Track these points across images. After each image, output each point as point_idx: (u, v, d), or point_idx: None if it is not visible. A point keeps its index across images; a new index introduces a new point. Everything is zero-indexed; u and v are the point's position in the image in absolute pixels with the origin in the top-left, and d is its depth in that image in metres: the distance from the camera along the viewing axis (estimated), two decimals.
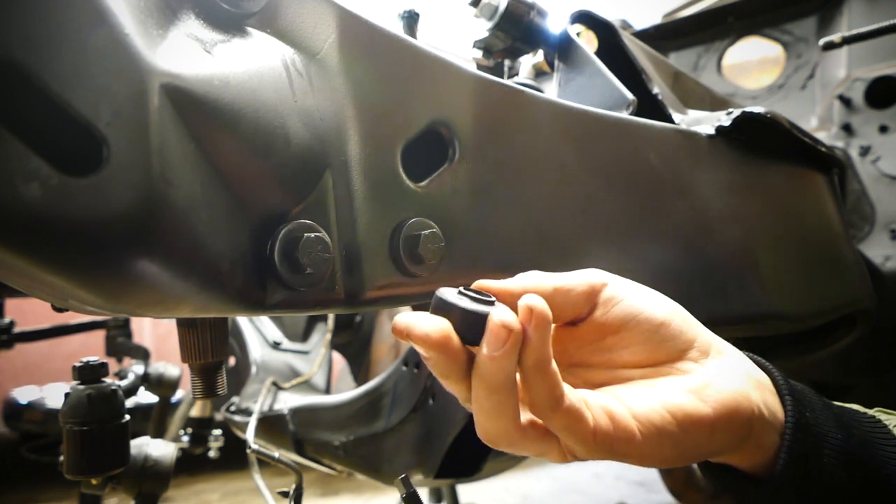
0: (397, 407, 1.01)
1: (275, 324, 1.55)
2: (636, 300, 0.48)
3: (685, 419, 0.44)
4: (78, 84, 0.33)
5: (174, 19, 0.40)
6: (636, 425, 0.43)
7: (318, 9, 0.48)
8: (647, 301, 0.48)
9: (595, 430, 0.42)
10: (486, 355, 0.40)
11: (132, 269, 0.37)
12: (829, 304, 0.90)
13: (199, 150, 0.39)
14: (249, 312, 0.45)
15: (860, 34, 1.14)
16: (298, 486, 0.80)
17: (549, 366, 0.40)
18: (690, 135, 0.77)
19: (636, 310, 0.47)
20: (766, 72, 1.71)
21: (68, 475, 0.67)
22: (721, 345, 0.49)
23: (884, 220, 1.27)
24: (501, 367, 0.40)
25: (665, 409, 0.44)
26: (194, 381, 0.58)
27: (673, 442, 0.43)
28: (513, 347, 0.39)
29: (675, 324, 0.47)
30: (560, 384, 0.41)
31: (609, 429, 0.42)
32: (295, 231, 0.44)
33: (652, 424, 0.43)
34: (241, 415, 1.29)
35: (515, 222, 0.59)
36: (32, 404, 2.69)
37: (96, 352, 1.01)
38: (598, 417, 0.42)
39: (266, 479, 0.96)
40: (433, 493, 2.15)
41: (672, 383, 0.46)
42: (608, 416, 0.43)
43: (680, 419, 0.43)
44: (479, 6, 0.83)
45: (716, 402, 0.45)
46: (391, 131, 0.51)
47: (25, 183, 0.32)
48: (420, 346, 0.41)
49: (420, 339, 0.41)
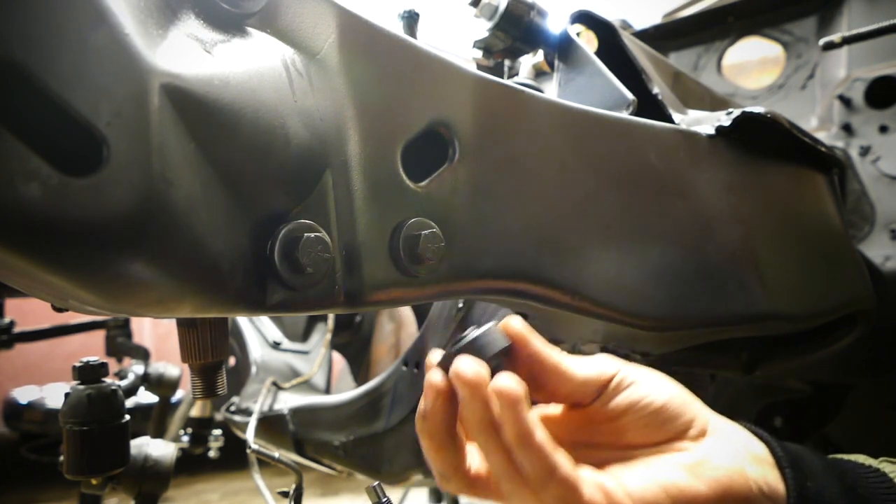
0: (397, 407, 1.01)
1: (275, 324, 1.55)
2: (640, 386, 0.50)
3: (679, 496, 0.45)
4: (78, 84, 0.33)
5: (174, 19, 0.40)
6: (630, 502, 0.44)
7: (318, 9, 0.48)
8: (650, 386, 0.50)
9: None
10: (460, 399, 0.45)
11: (132, 269, 0.37)
12: (829, 304, 0.90)
13: (199, 150, 0.39)
14: (249, 312, 0.45)
15: (860, 34, 1.14)
16: (298, 486, 0.80)
17: (531, 438, 0.42)
18: (690, 135, 0.77)
19: (640, 395, 0.49)
20: (766, 72, 1.71)
21: (68, 475, 0.67)
22: (718, 422, 0.51)
23: (884, 220, 1.27)
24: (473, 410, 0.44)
25: (659, 487, 0.45)
26: (194, 381, 0.58)
27: None
28: (472, 395, 0.43)
29: (674, 405, 0.49)
30: (552, 455, 0.42)
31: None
32: (295, 231, 0.44)
33: (645, 502, 0.44)
34: (241, 415, 1.29)
35: (515, 222, 0.59)
36: (32, 404, 2.69)
37: (96, 352, 1.01)
38: (592, 493, 0.43)
39: (266, 479, 0.96)
40: (433, 492, 2.15)
41: (668, 461, 0.47)
42: (602, 492, 0.44)
43: (674, 496, 0.45)
44: (479, 6, 0.83)
45: (710, 479, 0.46)
46: (391, 131, 0.51)
47: (25, 183, 0.32)
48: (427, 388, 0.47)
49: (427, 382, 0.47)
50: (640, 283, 0.69)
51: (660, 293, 0.70)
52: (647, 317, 0.69)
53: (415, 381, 0.99)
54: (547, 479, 0.42)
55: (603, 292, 0.65)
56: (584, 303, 0.64)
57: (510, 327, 0.48)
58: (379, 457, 1.05)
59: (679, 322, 0.72)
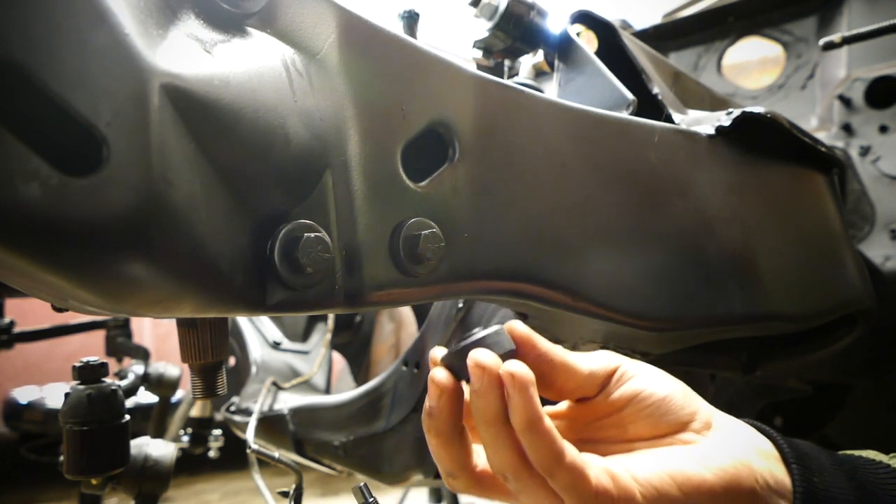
0: (397, 407, 1.01)
1: (275, 324, 1.55)
2: (641, 379, 0.50)
3: (686, 483, 0.45)
4: (78, 84, 0.33)
5: (174, 19, 0.40)
6: (637, 487, 0.44)
7: (318, 9, 0.48)
8: (650, 379, 0.51)
9: (597, 489, 0.43)
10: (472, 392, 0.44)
11: (132, 269, 0.37)
12: (829, 304, 0.90)
13: (199, 150, 0.39)
14: (249, 312, 0.45)
15: (860, 34, 1.14)
16: (298, 486, 0.80)
17: (540, 424, 0.42)
18: (690, 135, 0.77)
19: (640, 387, 0.50)
20: (766, 72, 1.71)
21: (68, 475, 0.67)
22: (722, 418, 0.51)
23: (884, 220, 1.27)
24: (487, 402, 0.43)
25: (666, 474, 0.45)
26: (194, 381, 0.58)
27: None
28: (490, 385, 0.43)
29: (676, 399, 0.50)
30: (559, 441, 0.43)
31: (610, 488, 0.43)
32: (295, 231, 0.44)
33: (653, 487, 0.44)
34: (241, 415, 1.29)
35: (515, 222, 0.59)
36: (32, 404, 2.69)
37: (96, 352, 1.01)
38: (599, 476, 0.43)
39: (266, 479, 0.96)
40: (433, 493, 2.15)
41: (674, 451, 0.48)
42: (609, 476, 0.44)
43: (681, 483, 0.45)
44: (479, 6, 0.83)
45: (718, 468, 0.46)
46: (391, 131, 0.51)
47: (25, 183, 0.32)
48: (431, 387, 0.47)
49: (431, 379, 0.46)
50: (639, 283, 0.69)
51: (659, 293, 0.70)
52: (646, 317, 0.69)
53: (415, 381, 0.99)
54: (555, 466, 0.42)
55: (603, 292, 0.65)
56: (583, 303, 0.64)
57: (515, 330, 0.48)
58: (379, 457, 1.05)
59: (679, 322, 0.72)
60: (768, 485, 0.47)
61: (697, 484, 0.45)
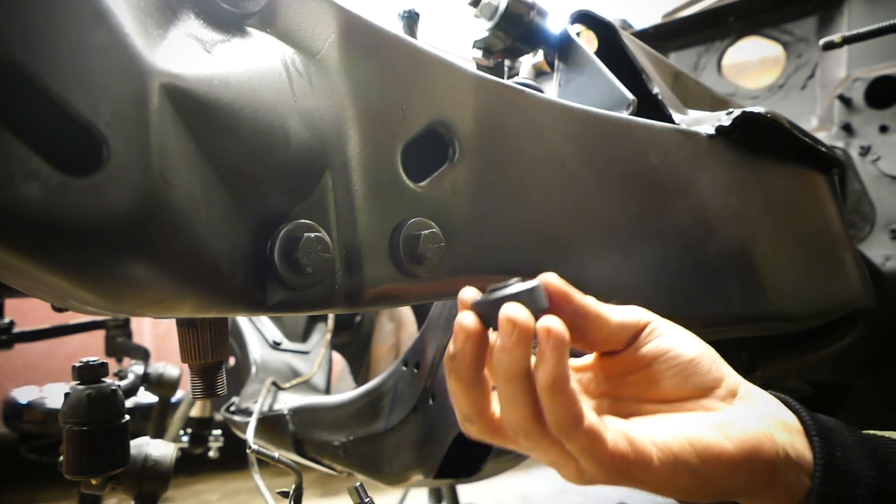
0: (397, 407, 1.01)
1: (275, 324, 1.55)
2: (671, 337, 0.50)
3: (705, 451, 0.44)
4: (78, 84, 0.33)
5: (174, 19, 0.40)
6: (655, 451, 0.43)
7: (318, 9, 0.48)
8: (680, 339, 0.50)
9: (613, 452, 0.42)
10: (498, 346, 0.43)
11: (132, 269, 0.37)
12: (829, 304, 0.90)
13: (199, 150, 0.39)
14: (249, 312, 0.45)
15: (860, 34, 1.14)
16: (298, 487, 0.80)
17: (566, 385, 0.41)
18: (690, 135, 0.77)
19: (669, 345, 0.49)
20: (766, 72, 1.71)
21: (68, 475, 0.67)
22: (748, 386, 0.50)
23: (884, 220, 1.27)
24: (512, 358, 0.42)
25: (686, 440, 0.45)
26: (194, 381, 0.58)
27: (691, 473, 0.44)
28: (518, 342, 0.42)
29: (704, 362, 0.49)
30: (579, 404, 0.42)
31: (627, 452, 0.43)
32: (295, 231, 0.44)
33: (671, 452, 0.44)
34: (241, 415, 1.29)
35: (515, 222, 0.59)
36: (32, 404, 2.69)
37: (96, 352, 1.01)
38: (616, 440, 0.43)
39: (266, 479, 0.96)
40: (433, 493, 2.15)
41: (696, 417, 0.47)
42: (627, 440, 0.43)
43: (700, 451, 0.44)
44: (479, 6, 0.83)
45: (738, 439, 0.45)
46: (391, 131, 0.51)
47: (25, 183, 0.32)
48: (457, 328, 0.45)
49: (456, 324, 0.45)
50: (639, 282, 0.69)
51: (659, 293, 0.70)
52: None
53: (415, 381, 0.99)
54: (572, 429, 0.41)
55: (603, 292, 0.65)
56: None
57: (551, 284, 0.46)
58: (379, 457, 1.05)
59: (679, 322, 0.72)
60: (789, 457, 0.47)
61: (717, 453, 0.44)
